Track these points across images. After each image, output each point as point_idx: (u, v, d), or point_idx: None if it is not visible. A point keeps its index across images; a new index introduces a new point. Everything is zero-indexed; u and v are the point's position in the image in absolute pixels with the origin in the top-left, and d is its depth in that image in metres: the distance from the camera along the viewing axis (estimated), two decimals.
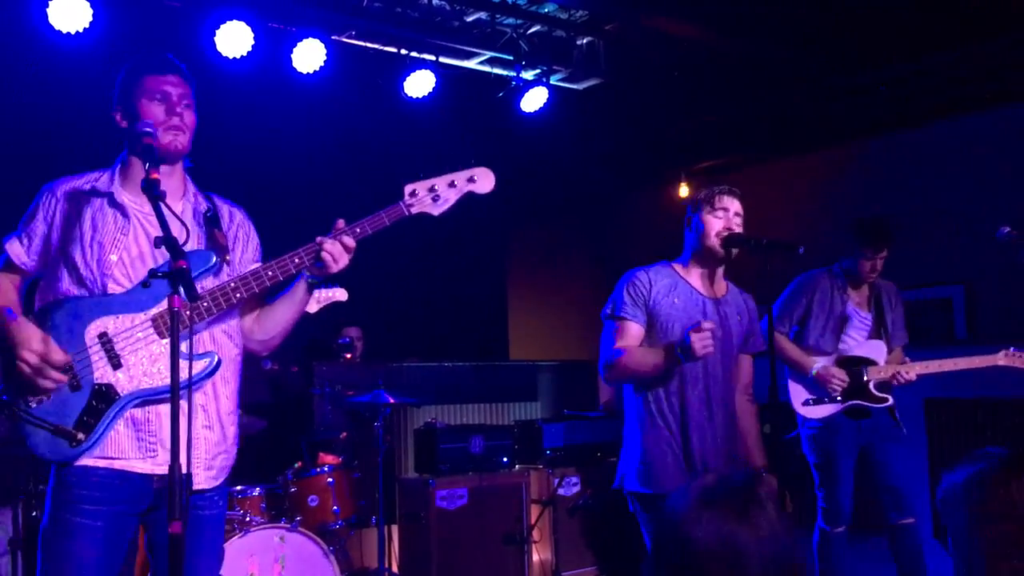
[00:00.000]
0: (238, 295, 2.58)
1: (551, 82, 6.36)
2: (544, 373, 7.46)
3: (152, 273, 2.43)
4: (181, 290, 2.21)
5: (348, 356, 6.46)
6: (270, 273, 2.61)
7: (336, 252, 2.61)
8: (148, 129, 2.53)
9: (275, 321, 2.80)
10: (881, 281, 4.83)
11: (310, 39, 5.46)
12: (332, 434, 5.76)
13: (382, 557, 5.08)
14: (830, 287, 4.76)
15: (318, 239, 2.62)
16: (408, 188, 2.69)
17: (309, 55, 5.49)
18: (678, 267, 3.58)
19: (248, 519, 4.56)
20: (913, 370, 4.59)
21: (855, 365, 4.66)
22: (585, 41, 6.37)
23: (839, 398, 4.62)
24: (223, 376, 2.66)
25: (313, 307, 3.93)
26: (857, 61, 6.28)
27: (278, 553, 4.48)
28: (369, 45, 5.89)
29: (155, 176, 2.37)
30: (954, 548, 1.84)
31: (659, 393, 3.44)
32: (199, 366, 2.55)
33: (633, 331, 3.45)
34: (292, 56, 5.50)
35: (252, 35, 5.22)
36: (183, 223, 2.45)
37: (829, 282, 4.77)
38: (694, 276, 3.55)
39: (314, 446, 5.42)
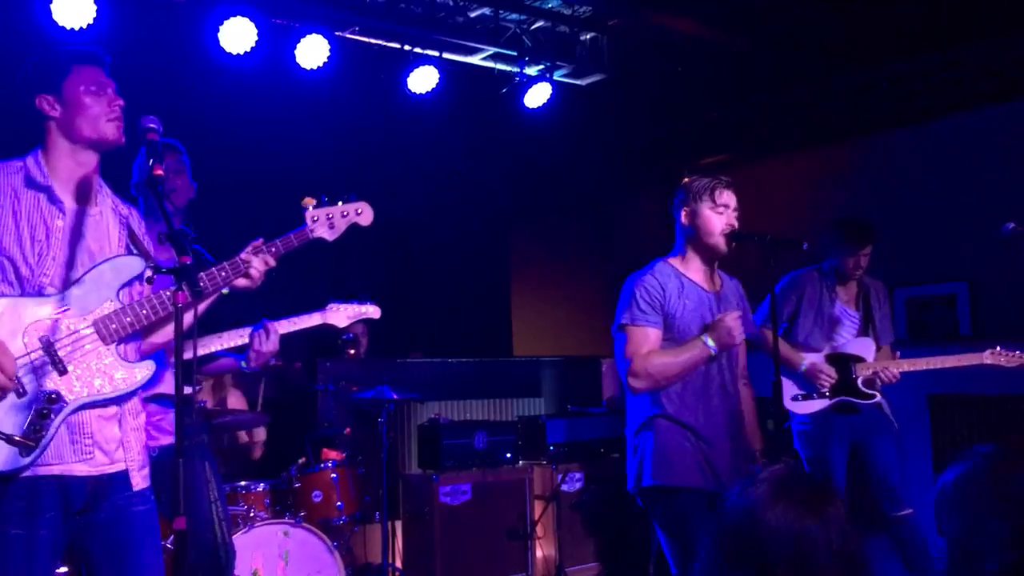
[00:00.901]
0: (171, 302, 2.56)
1: (554, 78, 6.36)
2: (547, 369, 7.46)
3: (156, 269, 2.44)
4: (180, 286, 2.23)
5: (352, 352, 6.47)
6: (202, 284, 2.64)
7: (263, 269, 2.74)
8: (152, 125, 2.50)
9: (170, 328, 2.71)
10: (869, 279, 4.92)
11: (313, 35, 5.45)
12: (336, 430, 5.76)
13: (386, 553, 5.09)
14: (819, 285, 4.85)
15: (243, 256, 2.72)
16: (309, 215, 2.93)
17: (312, 51, 5.48)
18: (676, 263, 3.52)
19: (252, 514, 4.56)
20: (897, 368, 4.64)
21: (844, 362, 4.72)
22: (588, 37, 6.36)
23: (827, 394, 4.68)
24: None
25: (343, 321, 3.92)
26: (860, 58, 6.26)
27: (282, 548, 4.49)
28: (372, 41, 5.88)
29: (159, 172, 2.37)
30: (949, 547, 1.84)
31: (677, 389, 3.40)
32: (143, 371, 2.57)
33: (653, 336, 3.40)
34: (295, 52, 5.49)
35: (255, 31, 5.21)
36: (170, 223, 2.40)
37: (818, 280, 4.87)
38: (695, 272, 3.51)
39: (318, 442, 5.42)
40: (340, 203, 2.97)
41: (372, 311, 3.98)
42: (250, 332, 3.64)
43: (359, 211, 3.05)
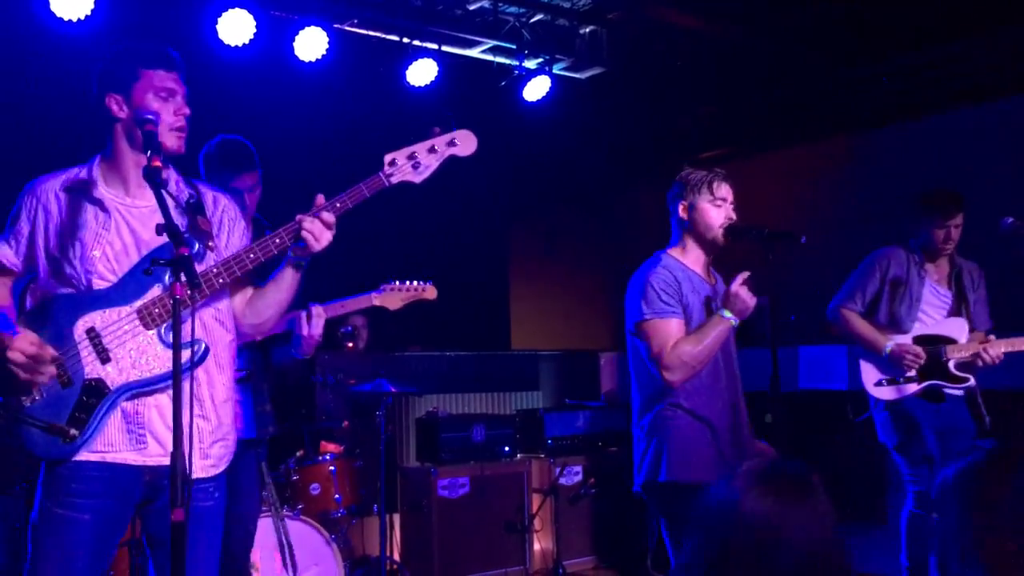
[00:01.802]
0: (220, 280, 2.55)
1: (553, 71, 6.35)
2: (546, 362, 7.46)
3: (154, 261, 2.42)
4: (183, 277, 2.21)
5: (351, 345, 6.46)
6: (252, 256, 2.57)
7: (316, 230, 2.57)
8: (150, 116, 2.50)
9: (266, 304, 2.73)
10: (962, 260, 4.56)
11: (312, 27, 5.45)
12: (334, 423, 5.76)
13: (384, 545, 5.09)
14: (906, 261, 4.47)
15: (298, 217, 2.58)
16: (388, 158, 2.65)
17: (311, 44, 5.48)
18: (677, 255, 3.48)
19: None
20: (998, 347, 4.26)
21: (933, 343, 4.35)
22: (588, 30, 6.36)
23: (915, 378, 4.31)
24: (217, 363, 2.63)
25: (397, 304, 3.69)
26: (859, 52, 6.27)
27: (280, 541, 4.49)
28: (371, 33, 5.88)
29: (156, 164, 2.37)
30: (947, 540, 1.85)
31: (690, 383, 3.33)
32: (185, 355, 2.47)
33: (677, 326, 3.32)
34: (294, 45, 5.49)
35: (254, 23, 5.21)
36: (168, 215, 2.40)
37: (905, 257, 4.48)
38: (694, 263, 3.48)
39: (316, 435, 5.42)
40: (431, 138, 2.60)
41: (429, 292, 3.68)
42: (292, 318, 3.46)
43: (454, 141, 2.68)
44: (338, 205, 2.60)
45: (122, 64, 2.61)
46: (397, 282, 3.67)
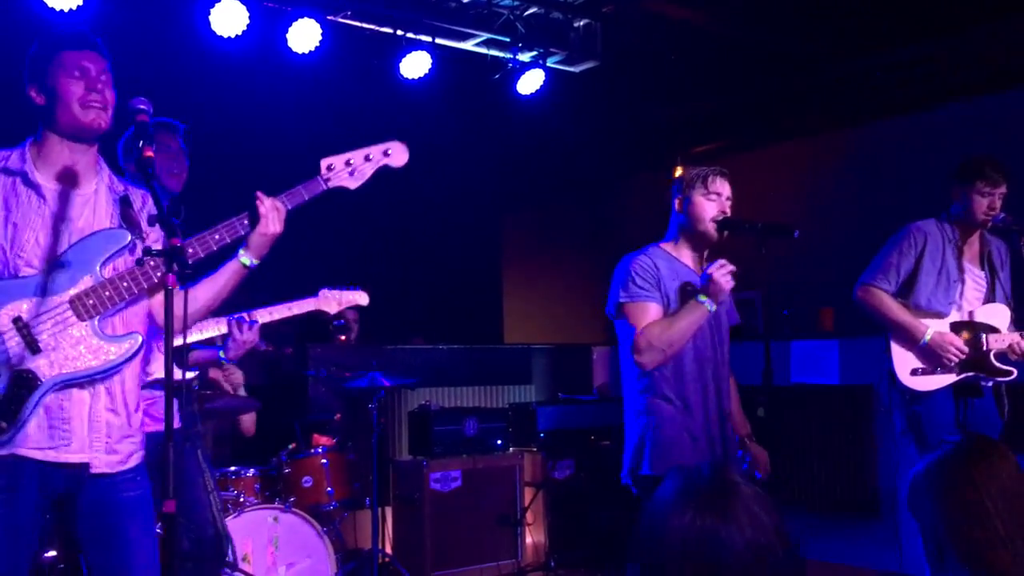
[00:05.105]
0: (159, 273, 2.47)
1: (547, 64, 6.34)
2: (538, 356, 7.46)
3: (147, 251, 2.40)
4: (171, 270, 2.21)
5: (343, 338, 6.46)
6: (190, 251, 2.52)
7: (268, 208, 2.58)
8: (142, 107, 2.44)
9: (192, 299, 2.56)
10: (992, 237, 4.23)
11: (305, 19, 5.43)
12: (326, 416, 5.76)
13: (376, 538, 5.09)
14: (941, 238, 4.13)
15: (236, 219, 2.60)
16: (325, 162, 2.71)
17: (304, 35, 5.46)
18: (668, 248, 3.51)
19: (242, 500, 4.56)
20: None
21: (973, 332, 4.07)
22: (582, 23, 6.35)
23: (954, 369, 4.02)
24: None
25: (334, 308, 3.91)
26: (854, 47, 6.27)
27: (272, 534, 4.49)
28: (365, 26, 5.86)
29: (148, 154, 2.34)
30: (923, 537, 1.86)
31: (674, 373, 3.36)
32: (123, 347, 2.48)
33: (654, 310, 3.35)
34: (287, 36, 5.47)
35: (247, 14, 5.19)
36: (160, 205, 2.35)
37: (940, 233, 4.14)
38: (686, 257, 3.50)
39: (308, 428, 5.42)
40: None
41: (361, 298, 3.98)
42: (227, 321, 3.55)
43: (388, 151, 2.76)
44: (278, 205, 2.63)
45: (39, 52, 2.57)
46: (332, 289, 3.92)
